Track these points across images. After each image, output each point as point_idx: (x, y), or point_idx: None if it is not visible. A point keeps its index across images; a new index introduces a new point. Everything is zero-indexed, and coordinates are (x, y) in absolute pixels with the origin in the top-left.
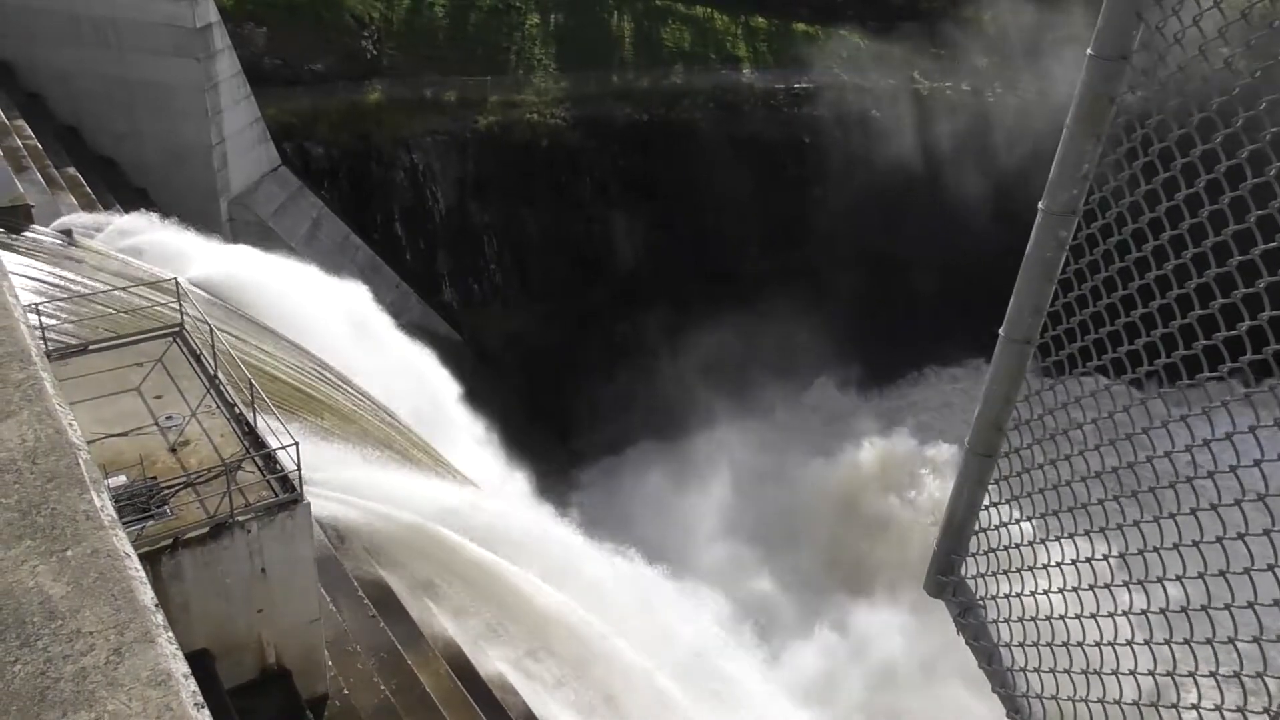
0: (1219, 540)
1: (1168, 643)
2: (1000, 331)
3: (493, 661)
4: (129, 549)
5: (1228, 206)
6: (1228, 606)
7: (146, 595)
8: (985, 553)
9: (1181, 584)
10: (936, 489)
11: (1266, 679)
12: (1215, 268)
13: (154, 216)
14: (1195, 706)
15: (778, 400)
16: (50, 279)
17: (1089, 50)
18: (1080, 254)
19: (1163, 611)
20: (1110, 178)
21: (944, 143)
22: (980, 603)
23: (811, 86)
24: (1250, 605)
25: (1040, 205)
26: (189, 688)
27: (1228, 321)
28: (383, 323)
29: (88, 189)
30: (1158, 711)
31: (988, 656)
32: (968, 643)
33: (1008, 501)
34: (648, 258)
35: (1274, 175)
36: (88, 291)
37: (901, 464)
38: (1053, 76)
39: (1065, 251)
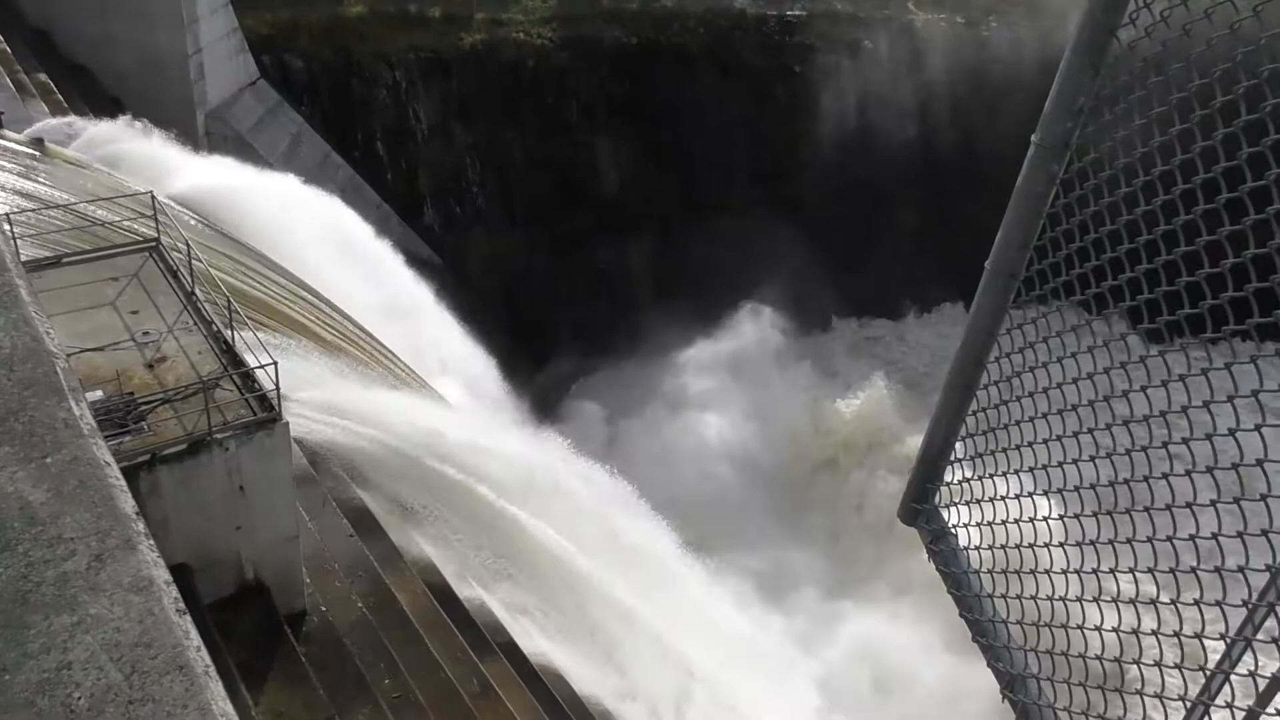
0: (1188, 474)
1: (1131, 571)
2: (986, 264)
3: (470, 583)
4: (109, 458)
5: (1219, 143)
6: (1193, 537)
7: (127, 503)
8: (960, 482)
9: (1149, 514)
10: (913, 425)
11: (1224, 607)
12: (1203, 204)
13: (131, 124)
14: (1155, 632)
15: (759, 330)
16: (21, 189)
17: None
18: (1070, 188)
19: (1129, 541)
20: (1106, 111)
21: (935, 76)
22: (951, 530)
23: (804, 14)
24: (1214, 536)
25: (1033, 138)
26: (171, 594)
27: (1212, 260)
28: (368, 239)
29: (60, 97)
30: (1118, 636)
31: (956, 583)
32: (938, 569)
33: (984, 433)
34: (633, 184)
35: (1268, 112)
36: (61, 203)
37: (879, 399)
38: (1049, 11)
39: (1056, 186)
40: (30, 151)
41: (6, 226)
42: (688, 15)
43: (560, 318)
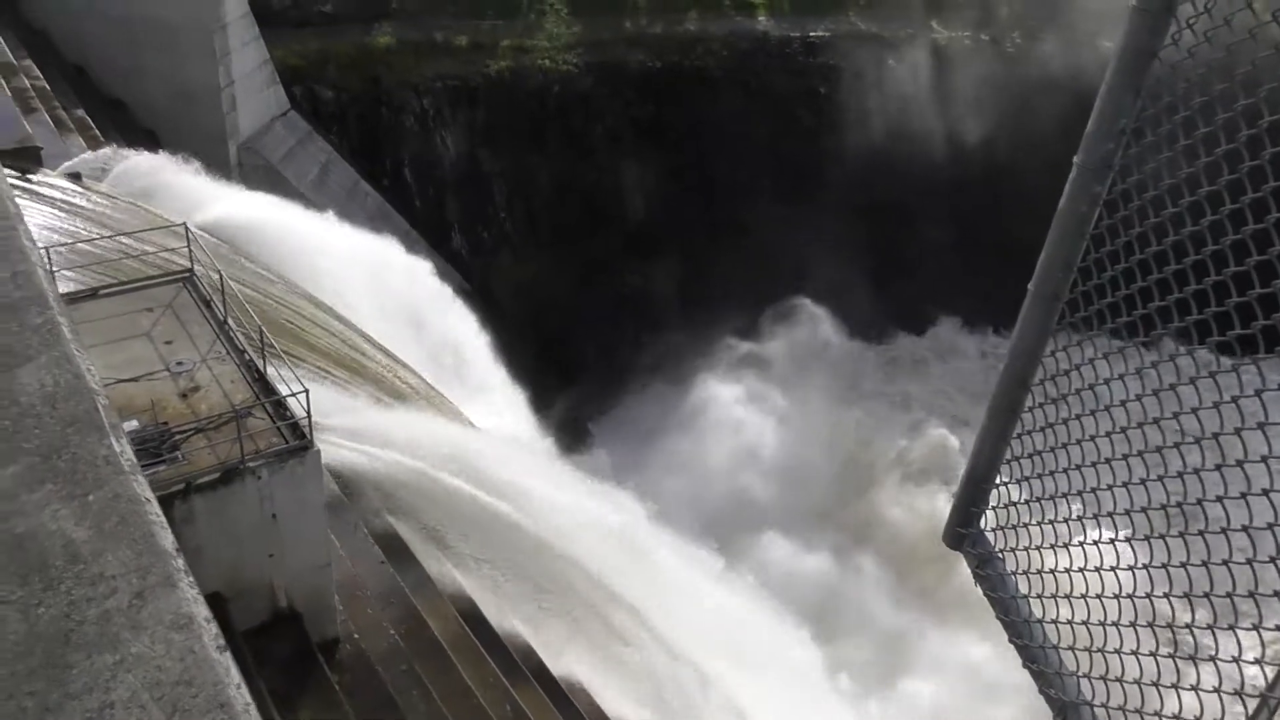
0: (1243, 496)
1: (1187, 595)
2: (1029, 286)
3: (501, 609)
4: (149, 494)
5: (1268, 162)
6: (1250, 561)
7: (167, 540)
8: (1005, 506)
9: (1203, 538)
10: (941, 446)
11: None
12: (1253, 224)
13: (164, 158)
14: (1213, 658)
15: (787, 351)
16: (59, 222)
17: (1131, 1)
18: (1115, 209)
19: (1184, 565)
20: (1148, 132)
21: (961, 94)
22: (999, 554)
23: (827, 35)
24: (1273, 560)
25: (1076, 159)
26: (211, 631)
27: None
28: (402, 267)
29: (96, 131)
30: (1174, 663)
31: (1004, 608)
32: (985, 594)
33: (1029, 456)
34: (659, 207)
35: None
36: (97, 235)
37: (907, 419)
38: (1073, 27)
39: (1099, 206)
40: (68, 186)
41: (47, 260)
42: (711, 38)
43: (587, 339)
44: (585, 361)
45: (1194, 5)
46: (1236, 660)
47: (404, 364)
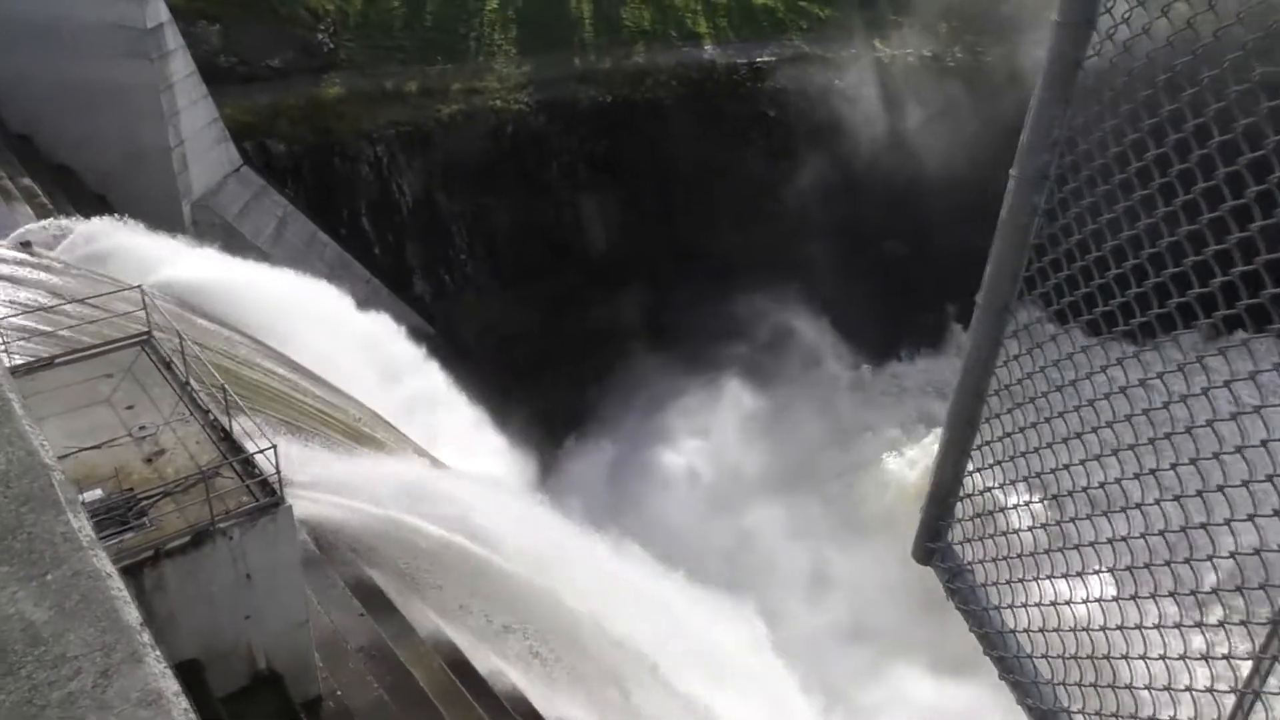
0: (1200, 494)
1: (1153, 596)
2: (977, 299)
3: (486, 653)
4: (110, 569)
5: (1196, 165)
6: (1210, 558)
7: (131, 614)
8: (971, 518)
9: (1164, 538)
10: (919, 459)
11: (1250, 625)
12: (1186, 226)
13: (115, 221)
14: (1183, 656)
15: (754, 374)
16: (11, 293)
17: (1054, 16)
18: (1054, 218)
19: (1147, 566)
20: (1080, 141)
21: (908, 110)
22: (968, 567)
23: (773, 60)
24: (1232, 555)
25: (1012, 172)
26: (180, 705)
27: (1200, 279)
28: (352, 312)
29: (44, 199)
30: (1145, 664)
31: (978, 620)
32: (958, 608)
33: (990, 467)
34: (619, 239)
35: (1240, 133)
36: (51, 304)
37: (882, 433)
38: (1012, 39)
39: (1039, 217)
40: (18, 256)
41: None
42: (659, 70)
43: (555, 376)
44: (554, 396)
45: (1112, 16)
46: (1205, 657)
47: (372, 411)
